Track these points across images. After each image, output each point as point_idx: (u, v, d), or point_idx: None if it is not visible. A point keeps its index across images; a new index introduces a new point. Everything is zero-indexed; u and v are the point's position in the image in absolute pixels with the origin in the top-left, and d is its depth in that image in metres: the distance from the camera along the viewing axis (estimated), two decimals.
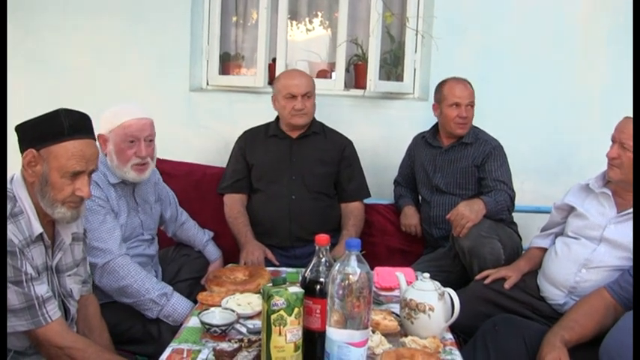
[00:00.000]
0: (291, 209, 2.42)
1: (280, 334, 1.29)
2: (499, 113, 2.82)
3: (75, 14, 2.93)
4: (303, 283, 1.36)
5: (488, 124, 2.55)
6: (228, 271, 1.98)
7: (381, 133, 2.95)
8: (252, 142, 2.54)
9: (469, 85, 2.46)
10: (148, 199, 2.12)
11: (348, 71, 3.10)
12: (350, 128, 2.69)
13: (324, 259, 1.36)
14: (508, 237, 2.25)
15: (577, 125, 2.89)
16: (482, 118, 2.53)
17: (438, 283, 1.60)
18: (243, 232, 2.40)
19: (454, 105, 2.41)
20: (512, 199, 2.34)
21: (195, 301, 1.83)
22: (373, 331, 1.47)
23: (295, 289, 1.31)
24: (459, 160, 2.47)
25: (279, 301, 1.28)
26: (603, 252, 1.80)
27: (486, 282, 2.01)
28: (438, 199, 2.50)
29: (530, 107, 2.90)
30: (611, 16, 2.84)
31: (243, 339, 1.48)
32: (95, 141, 1.55)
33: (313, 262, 1.36)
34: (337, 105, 2.92)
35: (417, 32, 2.95)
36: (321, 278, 1.33)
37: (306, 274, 1.37)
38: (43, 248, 1.50)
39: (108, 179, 1.95)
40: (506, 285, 1.97)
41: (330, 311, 1.28)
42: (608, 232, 1.81)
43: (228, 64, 3.20)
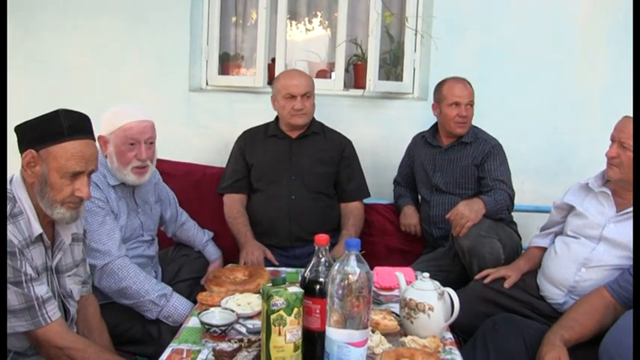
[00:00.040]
0: (291, 209, 2.42)
1: (280, 334, 1.29)
2: (498, 113, 2.82)
3: (74, 14, 2.93)
4: (302, 283, 1.36)
5: (487, 124, 2.55)
6: (227, 271, 1.98)
7: (381, 132, 2.95)
8: (251, 142, 2.54)
9: (468, 84, 2.46)
10: (148, 199, 2.12)
11: (347, 71, 3.10)
12: (349, 128, 2.69)
13: (323, 259, 1.36)
14: (508, 236, 2.25)
15: (576, 125, 2.89)
16: (482, 118, 2.53)
17: (438, 283, 1.60)
18: (242, 232, 2.40)
19: (454, 104, 2.41)
20: (511, 198, 2.34)
21: (195, 301, 1.83)
22: (373, 331, 1.47)
23: (295, 289, 1.31)
24: (458, 159, 2.47)
25: (279, 301, 1.28)
26: (602, 251, 1.80)
27: (486, 281, 2.01)
28: (438, 198, 2.50)
29: (530, 107, 2.90)
30: (611, 16, 2.84)
31: (242, 339, 1.48)
32: (95, 141, 1.54)
33: (313, 262, 1.36)
34: (337, 105, 2.92)
35: (417, 32, 2.95)
36: (321, 278, 1.33)
37: (305, 274, 1.36)
38: (42, 249, 1.50)
39: (107, 181, 1.95)
40: (506, 284, 1.98)
41: (329, 311, 1.28)
42: (607, 231, 1.81)
43: (227, 64, 3.20)
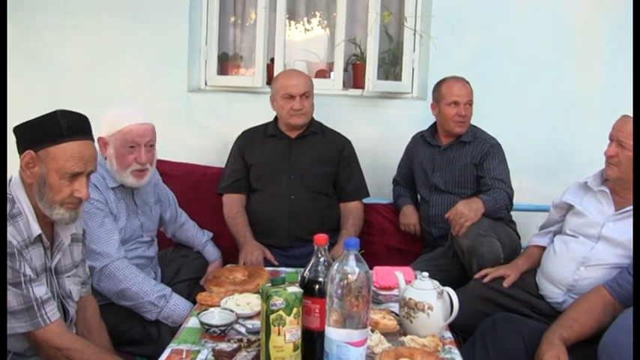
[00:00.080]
0: (290, 209, 2.42)
1: (279, 334, 1.29)
2: (497, 112, 2.82)
3: (73, 15, 2.92)
4: (301, 283, 1.36)
5: (486, 123, 2.55)
6: (227, 272, 1.98)
7: (380, 132, 2.95)
8: (250, 142, 2.54)
9: (467, 83, 2.46)
10: (148, 200, 2.12)
11: (346, 71, 3.10)
12: (348, 128, 2.69)
13: (322, 259, 1.36)
14: (507, 236, 2.25)
15: (575, 124, 2.89)
16: (481, 117, 2.54)
17: (437, 282, 1.60)
18: (242, 232, 2.40)
19: (453, 103, 2.41)
20: (510, 197, 2.35)
21: (195, 301, 1.83)
22: (372, 331, 1.47)
23: (294, 289, 1.31)
24: (457, 158, 2.47)
25: (278, 301, 1.28)
26: (601, 250, 1.80)
27: (485, 281, 2.01)
28: (437, 198, 2.50)
29: (529, 106, 2.90)
30: (610, 16, 2.84)
31: (242, 339, 1.48)
32: (93, 142, 1.54)
33: (312, 262, 1.36)
34: (336, 105, 2.92)
35: (415, 32, 2.95)
36: (320, 278, 1.33)
37: (304, 274, 1.36)
38: (41, 249, 1.50)
39: (107, 182, 1.94)
40: (505, 284, 1.98)
41: (328, 311, 1.28)
42: (606, 230, 1.81)
43: (226, 64, 3.20)
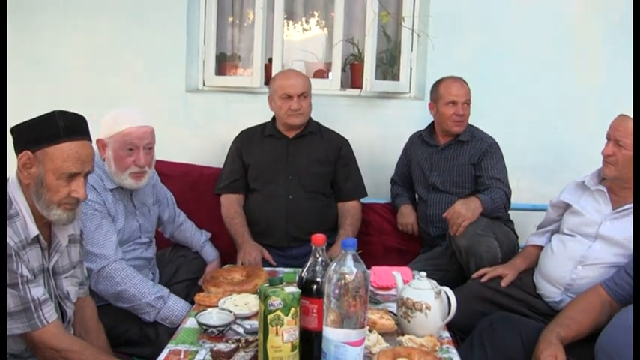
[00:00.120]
0: (288, 209, 2.42)
1: (277, 334, 1.29)
2: (495, 112, 2.82)
3: (73, 15, 2.92)
4: (299, 283, 1.36)
5: (484, 123, 2.55)
6: (225, 272, 1.98)
7: (378, 132, 2.95)
8: (248, 142, 2.54)
9: (465, 83, 2.47)
10: (146, 202, 2.12)
11: (344, 71, 3.10)
12: (346, 128, 2.69)
13: (320, 259, 1.36)
14: (504, 235, 2.25)
15: (573, 124, 2.89)
16: (479, 117, 2.54)
17: (435, 282, 1.60)
18: (240, 232, 2.40)
19: (451, 103, 2.42)
20: (508, 196, 2.35)
21: (193, 301, 1.83)
22: (370, 330, 1.48)
23: (292, 289, 1.31)
24: (455, 158, 2.47)
25: (276, 301, 1.28)
26: (599, 249, 1.81)
27: (483, 280, 2.01)
28: (435, 197, 2.50)
29: (526, 106, 2.90)
30: (608, 16, 2.84)
31: (240, 339, 1.47)
32: (91, 142, 1.54)
33: (310, 262, 1.36)
34: (334, 105, 2.92)
35: (413, 31, 2.95)
36: (318, 278, 1.33)
37: (302, 274, 1.37)
38: (39, 250, 1.49)
39: (104, 184, 1.94)
40: (503, 283, 1.98)
41: (326, 311, 1.28)
42: (603, 229, 1.81)
43: (224, 64, 3.20)
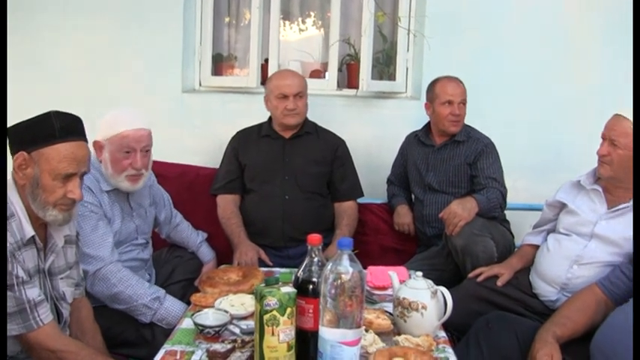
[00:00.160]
0: (285, 209, 2.42)
1: (273, 334, 1.29)
2: (491, 112, 2.82)
3: (72, 15, 2.91)
4: (295, 283, 1.36)
5: (480, 123, 2.55)
6: (221, 272, 1.97)
7: (374, 132, 2.95)
8: (244, 142, 2.54)
9: (461, 83, 2.47)
10: (143, 203, 2.11)
11: (340, 71, 3.10)
12: (343, 128, 2.69)
13: (316, 259, 1.36)
14: (501, 235, 2.26)
15: (569, 123, 2.90)
16: (475, 117, 2.54)
17: (431, 282, 1.60)
18: (236, 232, 2.39)
19: (447, 103, 2.42)
20: (504, 196, 2.35)
21: (189, 302, 1.82)
22: (366, 330, 1.48)
23: (288, 289, 1.32)
24: (451, 158, 2.48)
25: (272, 301, 1.28)
26: (594, 248, 1.81)
27: (479, 280, 2.02)
28: (431, 197, 2.51)
29: (522, 105, 2.91)
30: (606, 16, 2.84)
31: (236, 340, 1.48)
32: (87, 143, 1.54)
33: (306, 262, 1.37)
34: (330, 105, 2.92)
35: (409, 31, 2.95)
36: (314, 278, 1.34)
37: (298, 274, 1.37)
38: (35, 251, 1.49)
39: (101, 186, 1.94)
40: (499, 282, 1.98)
41: (322, 311, 1.28)
42: (598, 228, 1.82)
43: (220, 64, 3.20)
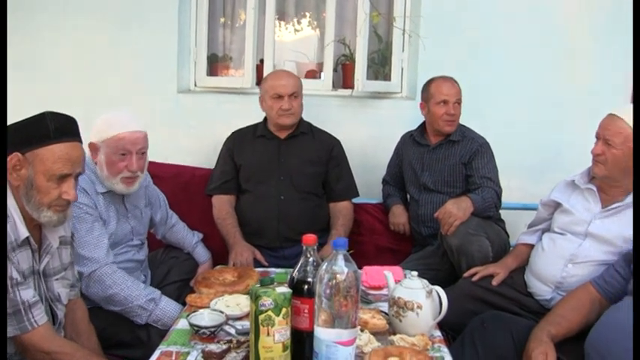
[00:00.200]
0: (280, 210, 2.42)
1: (268, 334, 1.29)
2: (486, 111, 2.83)
3: (67, 16, 2.91)
4: (290, 283, 1.36)
5: (475, 123, 2.56)
6: (216, 273, 1.97)
7: (369, 132, 2.96)
8: (240, 142, 2.53)
9: (456, 83, 2.48)
10: (139, 204, 2.11)
11: (335, 71, 3.10)
12: (338, 128, 2.70)
13: (311, 259, 1.36)
14: (496, 234, 2.26)
15: (563, 123, 2.91)
16: (469, 117, 2.55)
17: (426, 281, 1.61)
18: (231, 233, 2.39)
19: (442, 102, 2.43)
20: (498, 195, 2.36)
21: (184, 303, 1.82)
22: (362, 330, 1.48)
23: (283, 289, 1.32)
24: (446, 158, 2.48)
25: (267, 301, 1.28)
26: (588, 247, 1.82)
27: (474, 279, 2.02)
28: (426, 197, 2.51)
29: (517, 105, 2.92)
30: (601, 16, 2.85)
31: (231, 340, 1.48)
32: (81, 143, 1.53)
33: (301, 262, 1.37)
34: (325, 105, 2.92)
35: (404, 32, 2.96)
36: (309, 278, 1.34)
37: (293, 274, 1.37)
38: (29, 252, 1.48)
39: (96, 188, 1.93)
40: (494, 282, 1.99)
41: (317, 311, 1.28)
42: (593, 227, 1.83)
43: (215, 65, 3.20)
